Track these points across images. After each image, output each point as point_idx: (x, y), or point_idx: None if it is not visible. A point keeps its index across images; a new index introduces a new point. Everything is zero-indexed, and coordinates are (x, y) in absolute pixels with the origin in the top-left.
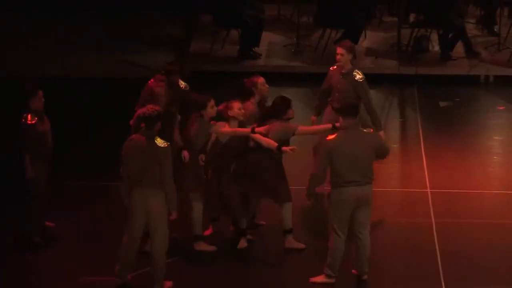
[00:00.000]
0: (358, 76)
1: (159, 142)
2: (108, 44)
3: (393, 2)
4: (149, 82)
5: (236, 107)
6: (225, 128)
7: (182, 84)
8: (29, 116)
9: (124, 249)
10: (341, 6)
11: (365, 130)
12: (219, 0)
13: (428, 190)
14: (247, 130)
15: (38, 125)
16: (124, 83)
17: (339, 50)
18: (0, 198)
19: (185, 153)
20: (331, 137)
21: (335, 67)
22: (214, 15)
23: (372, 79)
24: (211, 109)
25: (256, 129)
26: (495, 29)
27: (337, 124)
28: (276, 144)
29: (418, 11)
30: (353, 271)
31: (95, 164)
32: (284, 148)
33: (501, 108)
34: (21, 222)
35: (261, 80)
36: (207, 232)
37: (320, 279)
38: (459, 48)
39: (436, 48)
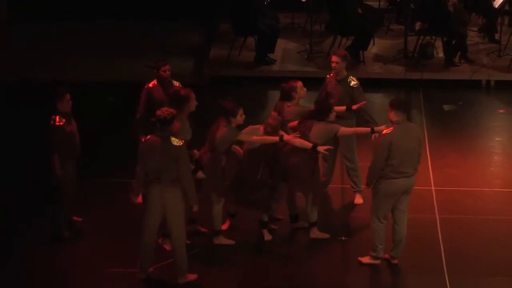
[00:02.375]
0: (353, 82)
1: (175, 141)
2: (131, 51)
3: (400, 11)
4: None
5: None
6: (255, 137)
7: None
8: (57, 118)
9: (142, 243)
10: (351, 15)
11: (411, 124)
12: (237, 10)
13: (433, 187)
14: (275, 138)
15: (66, 127)
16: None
17: (334, 58)
18: (32, 197)
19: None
20: (387, 130)
21: (331, 74)
22: (232, 23)
23: (380, 83)
24: (240, 117)
25: (289, 125)
26: (496, 37)
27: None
28: (310, 145)
29: (424, 20)
30: (384, 255)
31: (118, 162)
32: (319, 148)
33: (501, 111)
34: (51, 218)
35: (299, 84)
36: (224, 226)
37: (366, 260)
38: None
39: (441, 54)
